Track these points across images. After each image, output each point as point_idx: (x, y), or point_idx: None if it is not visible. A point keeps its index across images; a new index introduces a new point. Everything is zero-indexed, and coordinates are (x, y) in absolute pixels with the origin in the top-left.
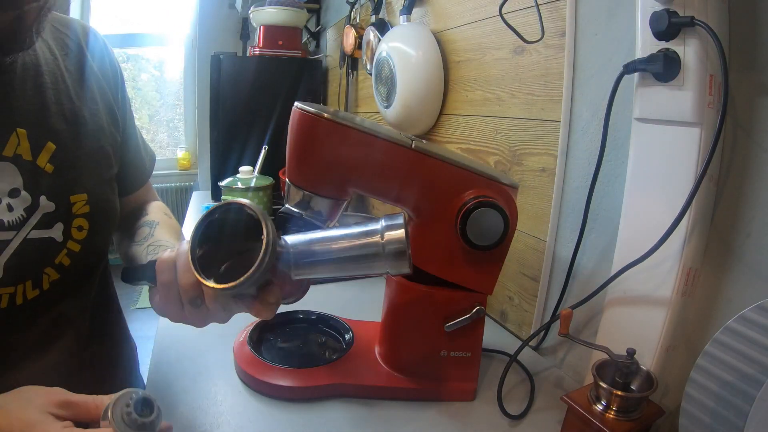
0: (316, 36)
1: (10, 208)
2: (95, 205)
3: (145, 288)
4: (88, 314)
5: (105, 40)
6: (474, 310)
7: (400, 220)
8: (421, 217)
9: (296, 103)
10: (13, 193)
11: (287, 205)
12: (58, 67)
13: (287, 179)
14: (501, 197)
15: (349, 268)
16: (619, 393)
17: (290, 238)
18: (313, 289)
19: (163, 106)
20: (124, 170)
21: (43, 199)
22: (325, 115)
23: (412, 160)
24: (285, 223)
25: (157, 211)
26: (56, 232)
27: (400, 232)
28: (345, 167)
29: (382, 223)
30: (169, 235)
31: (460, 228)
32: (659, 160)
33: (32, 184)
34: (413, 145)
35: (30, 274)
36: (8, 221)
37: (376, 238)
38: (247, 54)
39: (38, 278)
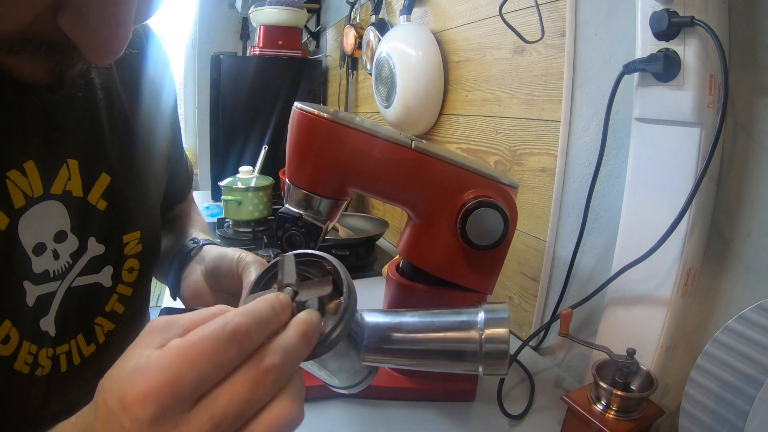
0: (316, 36)
1: (56, 255)
2: (147, 243)
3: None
4: None
5: (160, 41)
6: None
7: (505, 315)
8: (421, 217)
9: (296, 104)
10: (60, 236)
11: (287, 205)
12: (112, 76)
13: (287, 179)
14: (501, 197)
15: (432, 363)
16: (619, 393)
17: (369, 316)
18: None
19: None
20: (168, 185)
21: (92, 241)
22: (325, 115)
23: (412, 160)
24: (285, 223)
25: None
26: (104, 276)
27: (504, 331)
28: (345, 167)
29: (482, 315)
30: (193, 228)
31: (460, 228)
32: (659, 160)
33: (81, 225)
34: (413, 145)
35: (80, 327)
36: (53, 270)
37: (473, 333)
38: (247, 54)
39: (90, 331)
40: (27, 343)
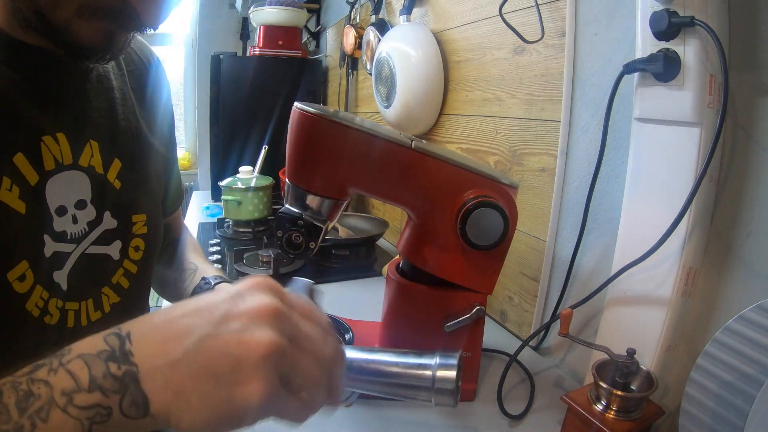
0: (316, 36)
1: (74, 220)
2: (151, 227)
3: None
4: None
5: (164, 69)
6: (474, 310)
7: (454, 361)
8: (421, 217)
9: (296, 104)
10: (80, 204)
11: (287, 205)
12: (125, 83)
13: (287, 179)
14: (501, 197)
15: (395, 392)
16: (619, 393)
17: (349, 352)
18: None
19: None
20: (165, 189)
21: (107, 215)
22: (325, 115)
23: (412, 160)
24: (285, 223)
25: (195, 255)
26: (114, 249)
27: (452, 374)
28: (345, 167)
29: (437, 360)
30: (192, 255)
31: (460, 228)
32: (659, 160)
33: (99, 199)
34: (413, 145)
35: (90, 293)
36: (71, 233)
37: (428, 373)
38: (247, 54)
39: (98, 298)
40: (40, 288)
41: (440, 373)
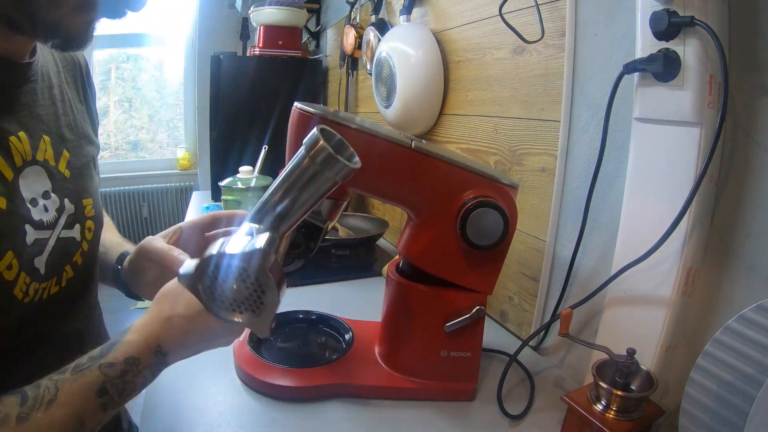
0: (316, 36)
1: (45, 209)
2: (97, 209)
3: None
4: (84, 314)
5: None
6: (474, 310)
7: (314, 131)
8: (422, 217)
9: (296, 104)
10: (45, 195)
11: None
12: (61, 78)
13: None
14: (501, 197)
15: (308, 196)
16: (619, 393)
17: (251, 219)
18: (312, 289)
19: (163, 106)
20: None
21: (66, 201)
22: (325, 115)
23: (412, 160)
24: None
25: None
26: (76, 232)
27: (319, 141)
28: None
29: (302, 148)
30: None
31: (461, 228)
32: (659, 160)
33: (57, 188)
34: (413, 145)
35: (57, 272)
36: (45, 221)
37: (306, 161)
38: (247, 54)
39: (60, 276)
40: (23, 275)
41: (313, 152)
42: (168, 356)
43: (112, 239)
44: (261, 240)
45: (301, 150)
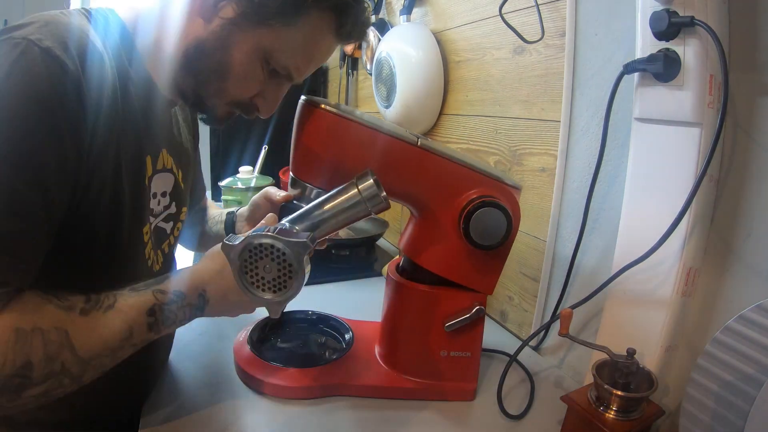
0: None
1: (158, 203)
2: (185, 216)
3: None
4: None
5: None
6: (474, 310)
7: (368, 176)
8: (425, 215)
9: (303, 96)
10: (164, 194)
11: (295, 201)
12: (179, 117)
13: (292, 173)
14: (504, 197)
15: (345, 218)
16: (619, 393)
17: (290, 221)
18: (312, 289)
19: None
20: (194, 188)
21: (174, 204)
22: (333, 109)
23: (418, 158)
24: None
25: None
26: (169, 226)
27: (370, 181)
28: (351, 162)
29: (354, 180)
30: (214, 210)
31: (464, 227)
32: (659, 160)
33: (173, 192)
34: (419, 143)
35: (158, 249)
36: (156, 211)
37: (354, 191)
38: None
39: (158, 256)
40: (151, 242)
41: (362, 185)
42: (208, 303)
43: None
44: (304, 235)
45: (353, 180)
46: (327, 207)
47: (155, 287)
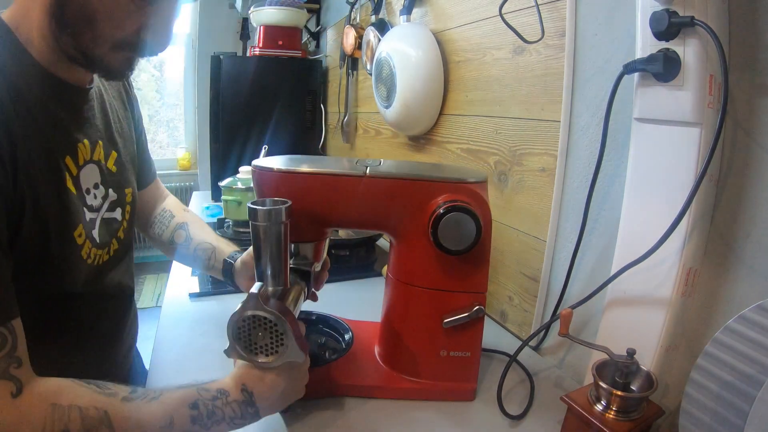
0: (316, 36)
1: (95, 197)
2: (134, 196)
3: (145, 288)
4: (125, 270)
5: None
6: (473, 310)
7: (250, 206)
8: (399, 238)
9: (253, 162)
10: (96, 186)
11: None
12: (109, 95)
13: None
14: (468, 197)
15: (276, 248)
16: (619, 393)
17: (258, 280)
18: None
19: (163, 106)
20: (141, 166)
21: (110, 191)
22: (276, 167)
23: (371, 187)
24: None
25: (178, 209)
26: (118, 214)
27: (259, 210)
28: (310, 211)
29: (250, 221)
30: (204, 233)
31: (434, 238)
32: (659, 160)
33: (105, 180)
34: (367, 172)
35: (107, 243)
36: (95, 205)
37: (252, 226)
38: (247, 54)
39: (109, 246)
40: (88, 242)
41: (251, 215)
42: (254, 396)
43: (219, 239)
44: (254, 288)
45: (251, 223)
46: (258, 253)
47: (200, 386)
